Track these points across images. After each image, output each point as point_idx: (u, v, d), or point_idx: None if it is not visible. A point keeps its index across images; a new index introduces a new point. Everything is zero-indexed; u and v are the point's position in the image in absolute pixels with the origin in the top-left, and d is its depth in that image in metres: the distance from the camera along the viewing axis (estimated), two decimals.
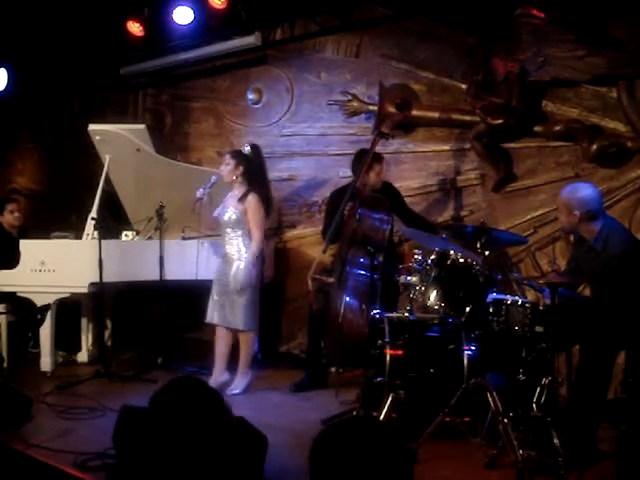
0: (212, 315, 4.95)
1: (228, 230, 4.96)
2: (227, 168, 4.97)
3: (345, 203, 4.78)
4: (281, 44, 6.48)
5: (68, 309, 5.76)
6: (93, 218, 5.41)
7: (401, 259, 5.21)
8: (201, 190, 4.96)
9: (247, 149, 5.10)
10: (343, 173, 5.91)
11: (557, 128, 5.06)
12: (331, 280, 4.75)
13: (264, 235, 5.06)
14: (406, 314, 4.11)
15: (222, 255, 5.03)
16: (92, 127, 5.70)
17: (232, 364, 5.05)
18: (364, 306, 4.42)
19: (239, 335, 4.98)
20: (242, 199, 4.91)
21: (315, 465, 1.70)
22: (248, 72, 6.72)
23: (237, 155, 5.04)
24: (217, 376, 4.97)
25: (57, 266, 5.28)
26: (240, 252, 4.92)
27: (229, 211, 4.94)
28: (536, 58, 4.99)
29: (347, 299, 4.50)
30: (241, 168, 4.96)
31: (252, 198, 4.90)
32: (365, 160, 4.86)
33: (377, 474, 1.67)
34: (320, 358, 5.07)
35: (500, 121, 5.15)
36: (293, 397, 4.90)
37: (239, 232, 4.94)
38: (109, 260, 5.25)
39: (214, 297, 4.95)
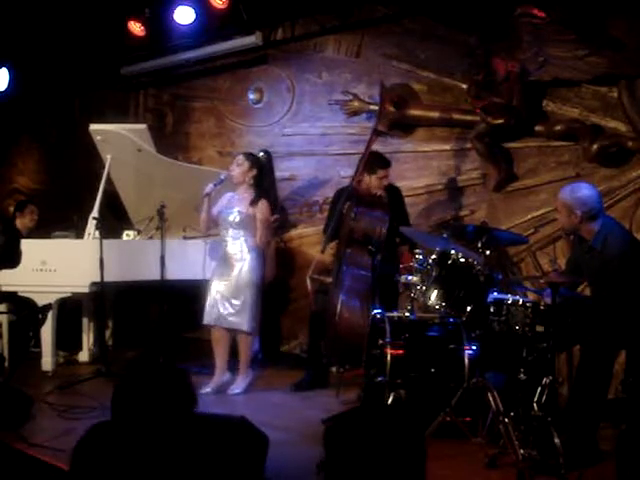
0: (211, 316, 4.92)
1: (231, 230, 4.96)
2: (240, 169, 4.96)
3: (343, 202, 4.79)
4: (282, 44, 6.48)
5: (69, 309, 5.76)
6: (94, 218, 5.41)
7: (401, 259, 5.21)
8: (211, 186, 4.95)
9: (261, 155, 5.15)
10: (344, 173, 5.92)
11: (558, 128, 5.06)
12: (330, 280, 4.76)
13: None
14: (407, 314, 4.11)
15: (222, 255, 5.02)
16: (93, 127, 5.70)
17: (234, 364, 5.06)
18: (360, 305, 4.42)
19: (239, 335, 4.97)
20: (253, 203, 4.91)
21: (331, 449, 1.67)
22: (249, 72, 6.72)
23: (251, 158, 5.06)
24: (219, 377, 4.97)
25: (58, 266, 5.28)
26: (242, 253, 4.92)
27: (234, 212, 4.94)
28: (536, 58, 5.00)
29: (343, 298, 4.51)
30: (254, 171, 4.97)
31: (263, 204, 4.91)
32: (362, 159, 4.86)
33: (391, 463, 1.66)
34: (321, 358, 5.07)
35: (501, 121, 5.15)
36: (294, 397, 4.89)
37: (242, 233, 4.94)
38: (110, 260, 5.24)
39: (213, 298, 4.92)
